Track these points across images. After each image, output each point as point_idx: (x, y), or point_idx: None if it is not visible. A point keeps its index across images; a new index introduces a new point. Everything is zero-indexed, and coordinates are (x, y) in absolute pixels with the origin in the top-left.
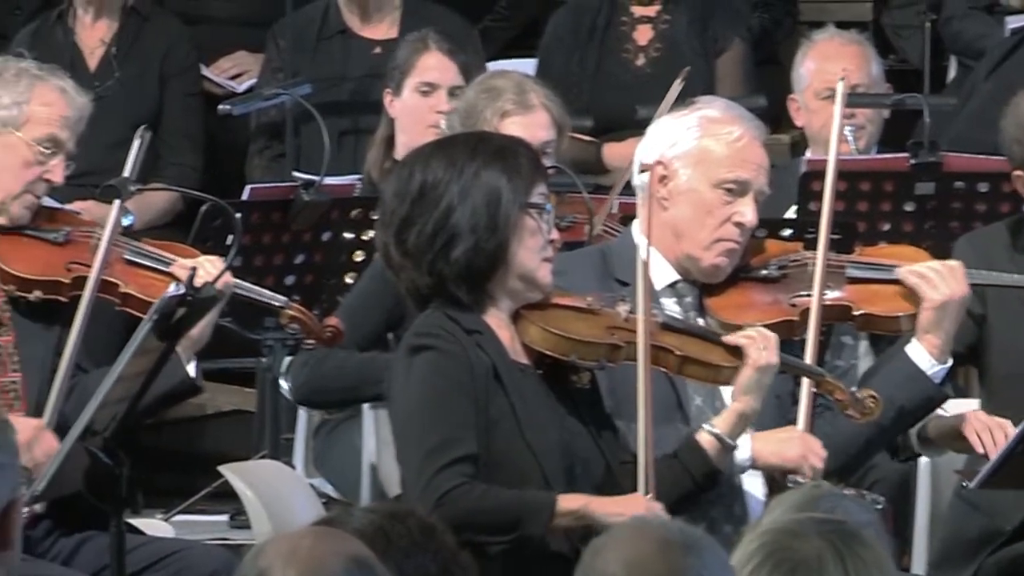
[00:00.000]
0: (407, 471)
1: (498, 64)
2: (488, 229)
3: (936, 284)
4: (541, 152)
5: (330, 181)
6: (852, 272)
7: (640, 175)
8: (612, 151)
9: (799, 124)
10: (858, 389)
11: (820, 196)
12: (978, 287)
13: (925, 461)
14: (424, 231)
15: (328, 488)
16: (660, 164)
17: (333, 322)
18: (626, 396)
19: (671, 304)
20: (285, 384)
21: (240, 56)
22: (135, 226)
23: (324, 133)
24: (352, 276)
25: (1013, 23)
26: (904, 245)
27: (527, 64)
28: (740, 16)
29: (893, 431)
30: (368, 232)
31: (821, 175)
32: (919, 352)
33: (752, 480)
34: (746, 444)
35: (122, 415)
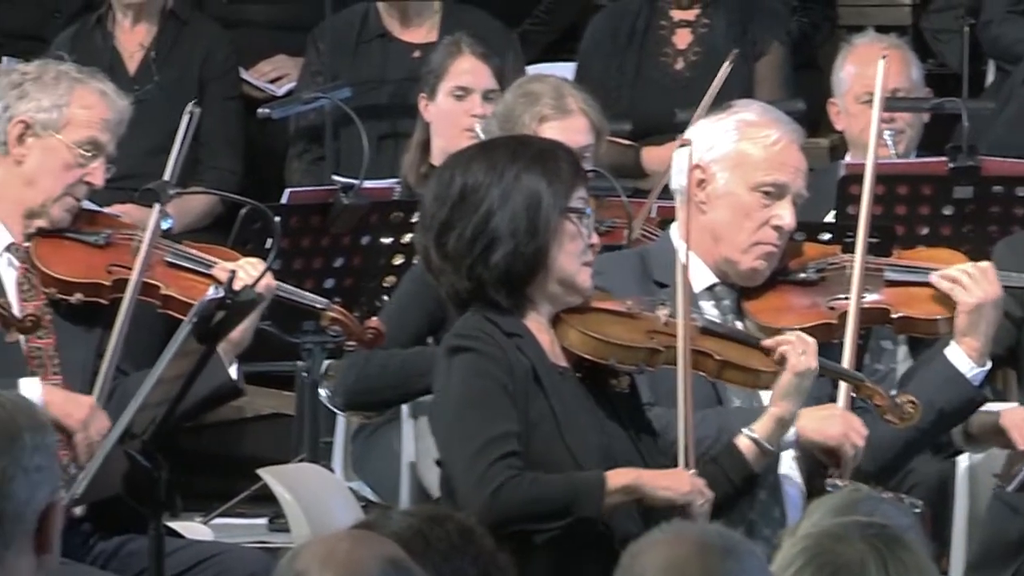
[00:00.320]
0: (456, 469)
1: (537, 68)
2: (528, 233)
3: (969, 287)
4: (579, 157)
5: (369, 185)
6: (890, 275)
7: (680, 151)
8: (651, 155)
9: (839, 128)
10: (897, 394)
11: (858, 200)
12: (1017, 290)
13: (964, 465)
14: (464, 235)
15: (367, 491)
16: (698, 168)
17: (374, 323)
18: (667, 394)
19: (709, 307)
20: (324, 392)
21: (279, 60)
22: (174, 229)
23: (363, 137)
24: (391, 280)
25: None
26: (942, 248)
27: (566, 68)
28: (779, 20)
29: (932, 434)
30: (407, 236)
31: (859, 179)
32: (958, 355)
33: (791, 483)
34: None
35: (161, 418)
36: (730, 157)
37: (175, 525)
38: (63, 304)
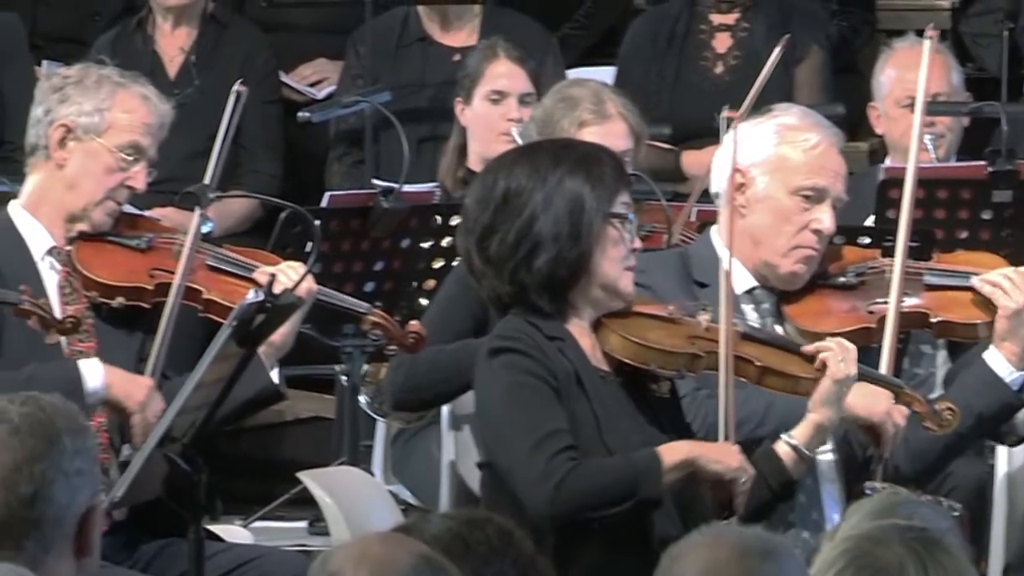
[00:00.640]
0: (513, 467)
1: (577, 72)
2: (571, 238)
3: (1010, 292)
4: (623, 161)
5: (409, 188)
6: (930, 279)
7: (727, 132)
8: (690, 159)
9: (879, 132)
10: (936, 400)
11: (898, 204)
12: None
13: (1002, 469)
14: (506, 239)
15: (406, 494)
16: (738, 172)
17: (415, 327)
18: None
19: (749, 311)
20: (363, 398)
21: (320, 63)
22: (214, 233)
23: (403, 140)
24: (431, 283)
25: None
26: (981, 252)
27: (606, 72)
28: (819, 24)
29: (971, 438)
30: (447, 239)
31: (899, 183)
32: (997, 359)
33: (829, 486)
34: None
35: (201, 422)
36: (770, 161)
37: (215, 528)
38: (104, 308)
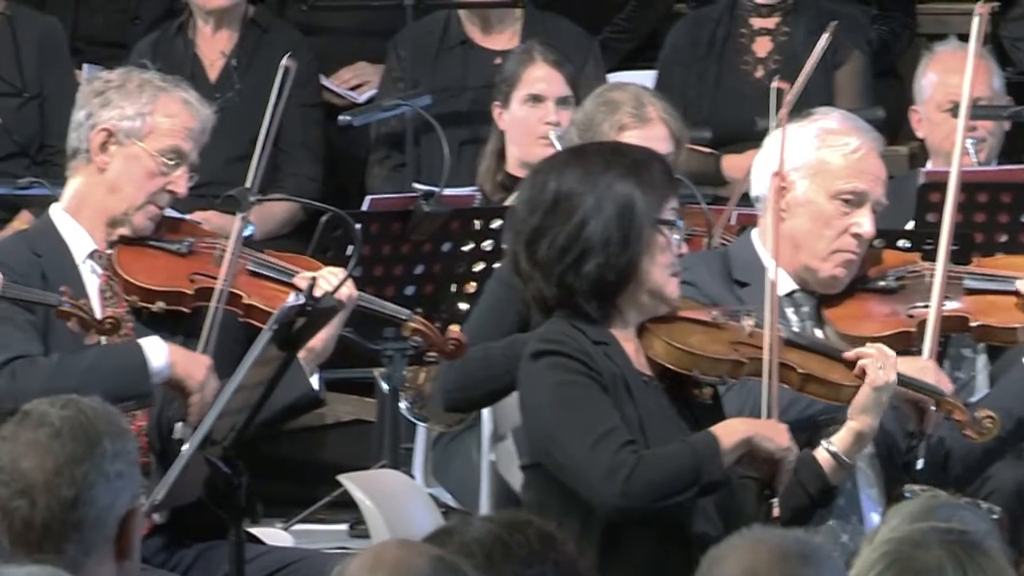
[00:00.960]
0: (576, 466)
1: (618, 76)
2: (620, 244)
3: None
4: (672, 166)
5: (450, 192)
6: (969, 283)
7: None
8: (731, 163)
9: (920, 135)
10: (976, 407)
11: (938, 207)
12: None
13: None
14: (555, 243)
15: (447, 497)
16: (778, 176)
17: (455, 334)
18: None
19: (789, 314)
20: (404, 403)
21: (361, 67)
22: (255, 236)
23: (444, 144)
24: (472, 286)
25: None
26: (1021, 256)
27: (646, 76)
28: (859, 28)
29: (1011, 443)
30: (487, 242)
31: (939, 186)
32: None
33: (869, 489)
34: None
35: (241, 425)
36: (810, 165)
37: (256, 531)
38: (144, 312)
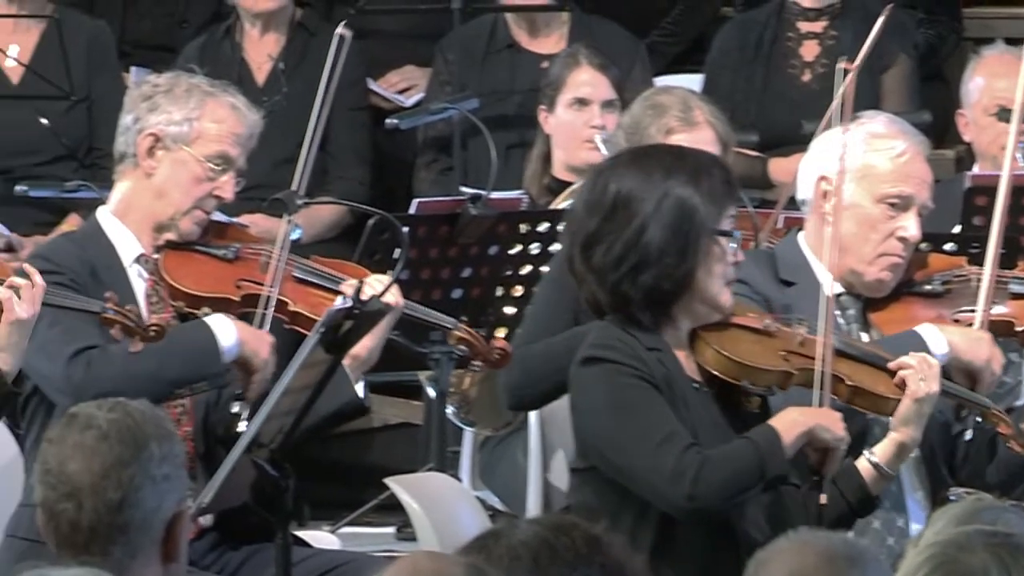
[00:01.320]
0: (639, 471)
1: (665, 80)
2: (677, 256)
3: None
4: (732, 171)
5: (497, 195)
6: (1016, 287)
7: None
8: (777, 166)
9: (967, 139)
10: (1021, 415)
11: (984, 211)
12: None
13: None
14: (612, 250)
15: (494, 500)
16: (823, 180)
17: (500, 344)
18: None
19: (835, 317)
20: (451, 408)
21: (408, 70)
22: (302, 240)
23: (491, 147)
24: (519, 289)
25: None
26: None
27: (694, 80)
28: (906, 32)
29: None
30: (534, 245)
31: (985, 190)
32: None
33: (914, 493)
34: (940, 339)
35: (289, 428)
36: (856, 169)
37: (303, 534)
38: (191, 318)
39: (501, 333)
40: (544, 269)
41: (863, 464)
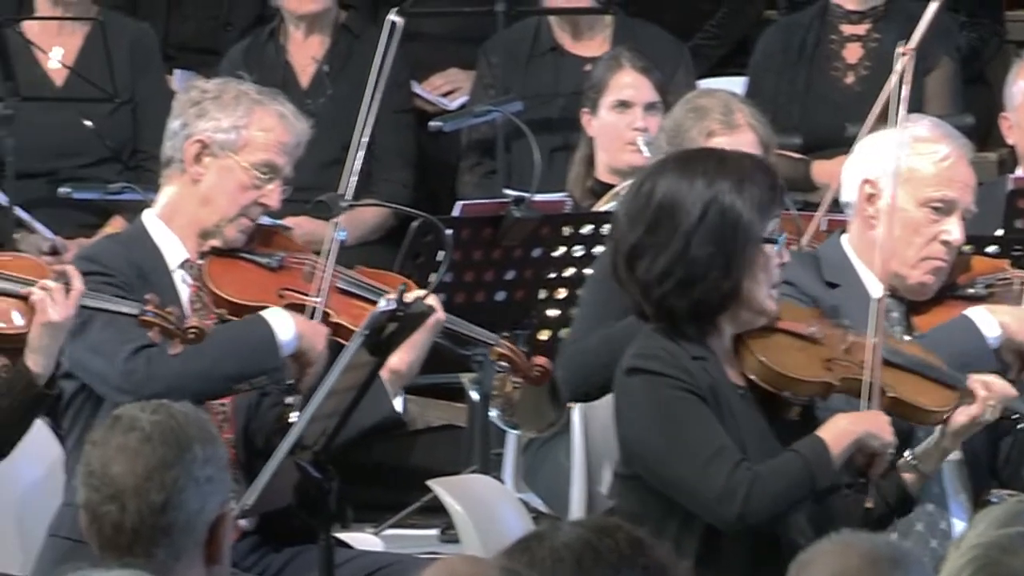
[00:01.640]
0: (688, 487)
1: (708, 82)
2: (723, 269)
3: None
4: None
5: (540, 198)
6: None
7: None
8: (820, 168)
9: (1010, 142)
10: None
11: None
12: None
13: None
14: (656, 265)
15: (537, 502)
16: (867, 183)
17: (541, 361)
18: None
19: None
20: (494, 412)
21: (452, 73)
22: (347, 242)
23: (535, 150)
24: (563, 292)
25: None
26: None
27: (737, 82)
28: (949, 35)
29: None
30: (578, 248)
31: None
32: None
33: (957, 495)
34: (992, 321)
35: (332, 431)
36: (900, 173)
37: (346, 536)
38: None
39: (544, 336)
40: (588, 271)
41: (904, 466)
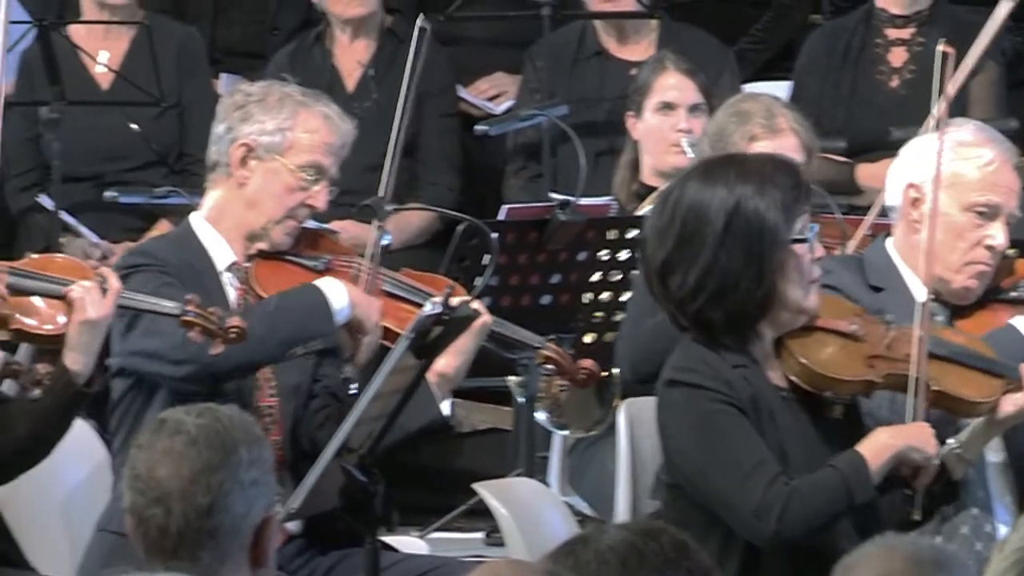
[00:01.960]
0: (726, 501)
1: (753, 86)
2: (755, 277)
3: None
4: (800, 169)
5: (586, 201)
6: None
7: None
8: (865, 172)
9: None
10: None
11: None
12: None
13: None
14: (687, 280)
15: (583, 506)
16: (912, 187)
17: (587, 364)
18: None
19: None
20: (541, 415)
21: (498, 77)
22: (392, 246)
23: (580, 154)
24: (607, 295)
25: None
26: None
27: (782, 87)
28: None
29: None
30: (623, 252)
31: None
32: None
33: (1002, 498)
34: None
35: (378, 434)
36: (944, 177)
37: (391, 540)
38: None
39: (589, 339)
40: (633, 274)
41: (946, 453)
